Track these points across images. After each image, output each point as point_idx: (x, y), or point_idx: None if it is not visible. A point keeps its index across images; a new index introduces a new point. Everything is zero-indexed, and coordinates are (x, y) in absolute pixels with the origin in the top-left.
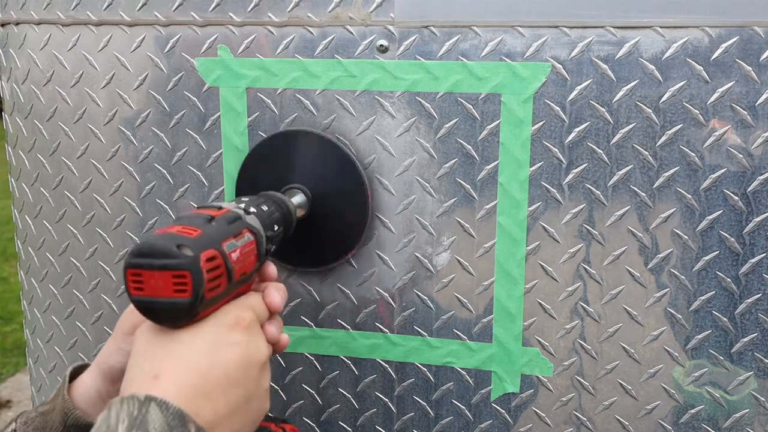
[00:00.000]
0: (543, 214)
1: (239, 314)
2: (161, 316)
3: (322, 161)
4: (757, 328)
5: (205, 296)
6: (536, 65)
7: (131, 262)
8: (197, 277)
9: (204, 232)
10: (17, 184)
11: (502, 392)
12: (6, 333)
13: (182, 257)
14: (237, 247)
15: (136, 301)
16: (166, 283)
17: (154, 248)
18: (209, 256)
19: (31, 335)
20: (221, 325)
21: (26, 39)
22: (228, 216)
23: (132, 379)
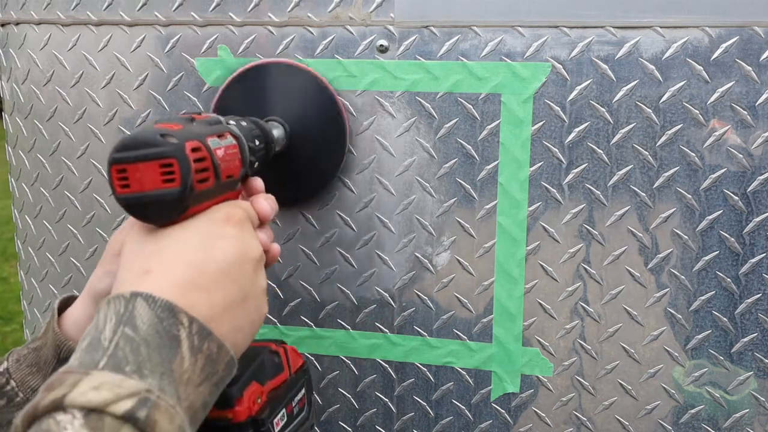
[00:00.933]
0: (543, 214)
1: (230, 210)
2: (151, 211)
3: (298, 93)
4: (757, 328)
5: (195, 188)
6: (536, 65)
7: (115, 158)
8: (185, 164)
9: (185, 127)
10: (17, 184)
11: (502, 392)
12: (6, 333)
13: (167, 145)
14: (221, 145)
15: (122, 198)
16: (153, 174)
17: (137, 140)
18: (194, 147)
19: (31, 335)
20: (212, 220)
21: (26, 39)
22: (209, 119)
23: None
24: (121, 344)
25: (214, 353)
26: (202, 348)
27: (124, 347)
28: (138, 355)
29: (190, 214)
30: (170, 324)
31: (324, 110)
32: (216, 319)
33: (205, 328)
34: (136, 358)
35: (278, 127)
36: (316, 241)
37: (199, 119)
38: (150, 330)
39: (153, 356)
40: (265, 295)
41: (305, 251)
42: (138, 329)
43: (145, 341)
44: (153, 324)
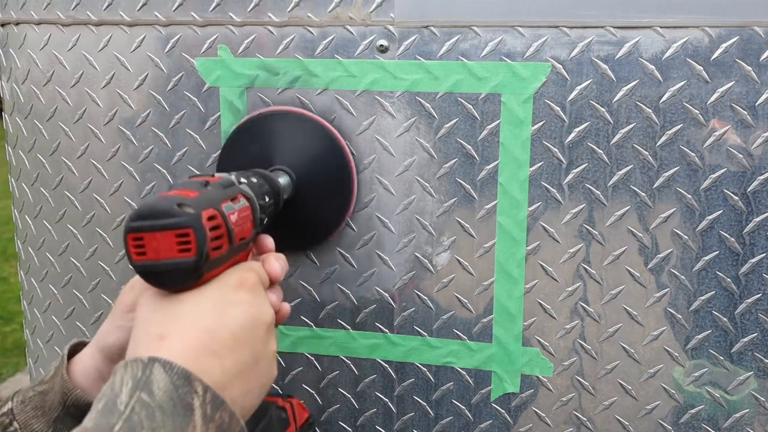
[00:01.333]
0: (543, 214)
1: (242, 275)
2: (166, 279)
3: (305, 142)
4: (757, 328)
5: (209, 255)
6: (536, 65)
7: (131, 226)
8: (200, 234)
9: (202, 194)
10: (17, 184)
11: (502, 392)
12: (6, 333)
13: (184, 215)
14: (235, 209)
15: (138, 266)
16: (169, 244)
17: (155, 209)
18: (210, 215)
19: (31, 335)
20: (225, 286)
21: (26, 39)
22: (222, 182)
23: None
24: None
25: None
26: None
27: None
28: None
29: (205, 280)
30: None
31: (330, 157)
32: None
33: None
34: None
35: (284, 175)
36: None
37: (213, 182)
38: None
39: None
40: (275, 358)
41: (305, 251)
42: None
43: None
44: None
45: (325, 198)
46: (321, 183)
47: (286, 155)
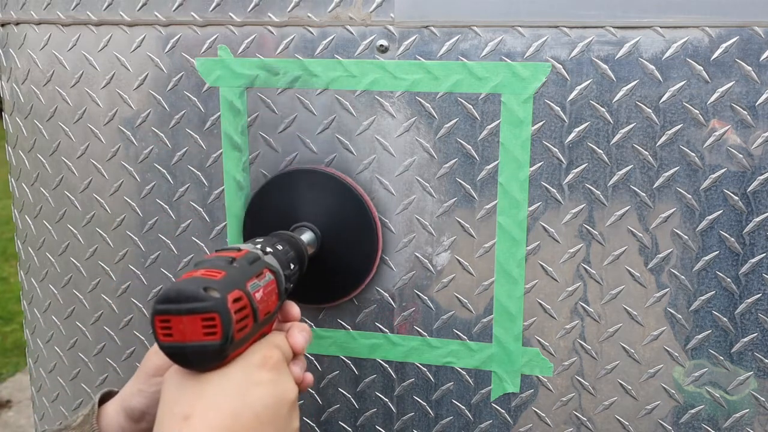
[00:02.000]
0: (543, 214)
1: (266, 353)
2: (191, 360)
3: (329, 198)
4: (757, 328)
5: (234, 337)
6: (536, 65)
7: (158, 309)
8: (226, 318)
9: (228, 274)
10: (17, 184)
11: (502, 392)
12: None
13: (210, 299)
14: (260, 287)
15: (165, 347)
16: (195, 327)
17: (181, 293)
18: (236, 297)
19: (31, 335)
20: (249, 365)
21: (26, 39)
22: (248, 257)
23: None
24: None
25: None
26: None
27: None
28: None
29: (230, 359)
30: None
31: (355, 214)
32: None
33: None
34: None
35: (308, 231)
36: None
37: (239, 258)
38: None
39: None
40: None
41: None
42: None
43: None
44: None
45: (351, 251)
46: (345, 236)
47: (309, 211)
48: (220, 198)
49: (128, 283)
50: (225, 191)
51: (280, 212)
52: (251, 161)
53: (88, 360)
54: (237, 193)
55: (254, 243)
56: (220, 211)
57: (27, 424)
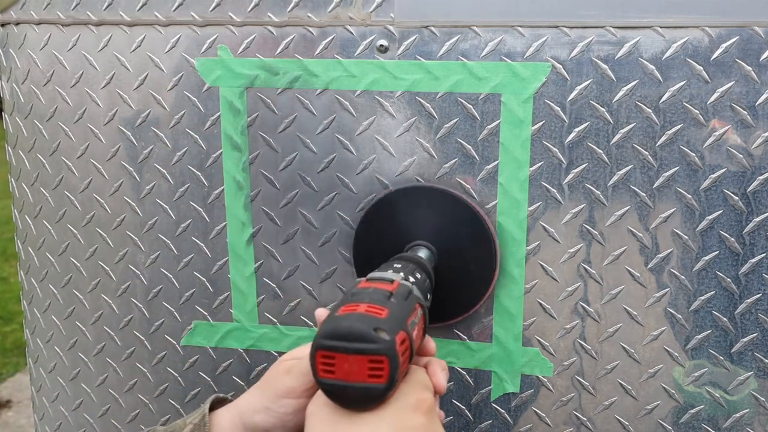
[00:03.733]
0: (543, 214)
1: (420, 396)
2: (351, 400)
3: (445, 216)
4: (757, 328)
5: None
6: (536, 65)
7: (325, 345)
8: (394, 362)
9: (391, 313)
10: (17, 184)
11: (502, 392)
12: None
13: (381, 342)
14: (416, 325)
15: (325, 383)
16: (361, 368)
17: (351, 331)
18: (402, 339)
19: (31, 335)
20: (405, 408)
21: (26, 39)
22: (402, 291)
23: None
24: None
25: None
26: None
27: None
28: None
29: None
30: None
31: (471, 229)
32: None
33: None
34: None
35: (425, 249)
36: (316, 241)
37: (395, 292)
38: None
39: None
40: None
41: (305, 251)
42: None
43: None
44: None
45: (467, 267)
46: (461, 253)
47: (425, 230)
48: (220, 198)
49: (128, 283)
50: (225, 191)
51: (393, 230)
52: (251, 161)
53: (88, 360)
54: (237, 193)
55: (396, 270)
56: (220, 211)
57: (27, 424)
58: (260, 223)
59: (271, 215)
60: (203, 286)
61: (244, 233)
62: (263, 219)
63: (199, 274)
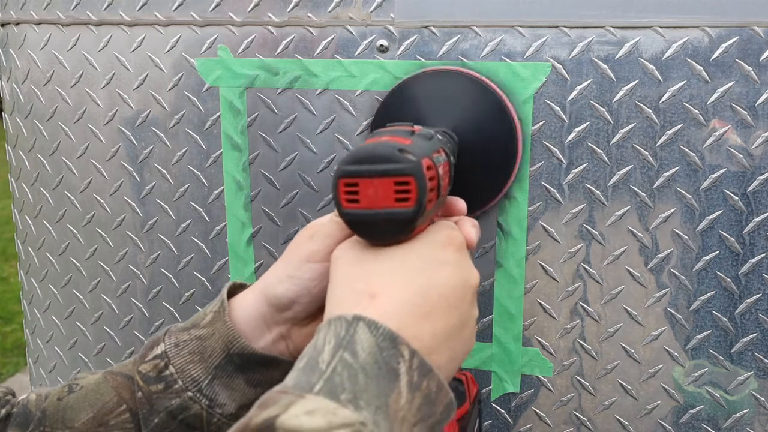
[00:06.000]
0: (543, 214)
1: (450, 233)
2: (378, 230)
3: (467, 102)
4: (757, 328)
5: (426, 207)
6: (536, 65)
7: (346, 170)
8: (421, 183)
9: (414, 142)
10: (17, 184)
11: (502, 392)
12: (6, 333)
13: (407, 161)
14: (441, 163)
15: (349, 214)
16: (387, 192)
17: (374, 153)
18: (428, 165)
19: (31, 335)
20: (435, 243)
21: (26, 39)
22: (424, 133)
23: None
24: (339, 369)
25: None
26: (420, 385)
27: (342, 373)
28: (355, 383)
29: (414, 234)
30: (390, 355)
31: (494, 119)
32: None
33: (426, 365)
34: (353, 386)
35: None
36: None
37: (417, 132)
38: (369, 359)
39: (370, 387)
40: (476, 324)
41: None
42: (357, 355)
43: (363, 369)
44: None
45: (489, 163)
46: (484, 146)
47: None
48: (220, 198)
49: (128, 283)
50: (225, 191)
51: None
52: (251, 161)
53: (88, 360)
54: (237, 193)
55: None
56: (220, 211)
57: None
58: (260, 223)
59: (271, 215)
60: (203, 286)
61: (244, 233)
62: (263, 219)
63: (199, 274)
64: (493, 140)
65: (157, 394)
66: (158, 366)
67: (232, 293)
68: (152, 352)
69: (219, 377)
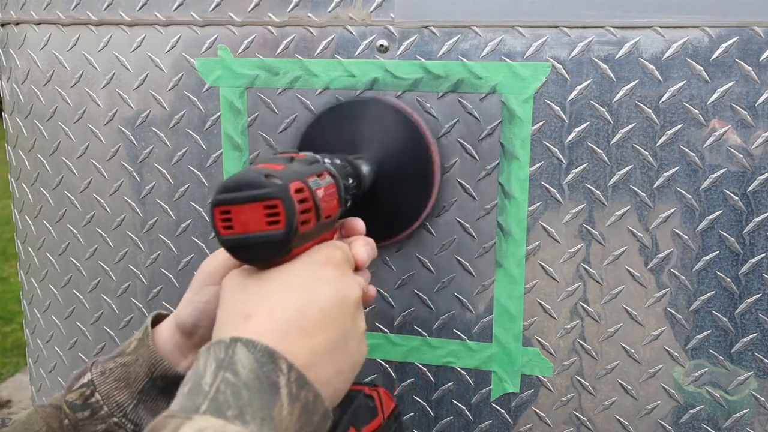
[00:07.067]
0: (543, 214)
1: (329, 252)
2: (254, 253)
3: (385, 129)
4: (757, 328)
5: (298, 229)
6: (536, 65)
7: (218, 199)
8: (289, 205)
9: (288, 167)
10: (17, 184)
11: (502, 392)
12: (6, 333)
13: (272, 186)
14: (321, 185)
15: (226, 240)
16: (257, 216)
17: (242, 181)
18: (298, 188)
19: (31, 335)
20: (313, 262)
21: (26, 39)
22: (307, 158)
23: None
24: (222, 388)
25: (310, 402)
26: (299, 396)
27: (225, 391)
28: (239, 399)
29: (293, 255)
30: (270, 370)
31: (411, 146)
32: (316, 364)
33: (303, 377)
34: (237, 402)
35: (366, 164)
36: None
37: (298, 158)
38: (250, 375)
39: (254, 401)
40: (364, 337)
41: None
42: (239, 374)
43: (245, 386)
44: (253, 369)
45: (406, 190)
46: (402, 174)
47: (368, 144)
48: None
49: (128, 283)
50: None
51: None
52: (251, 161)
53: (87, 360)
54: None
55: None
56: None
57: None
58: None
59: None
60: None
61: None
62: None
63: None
64: (410, 165)
65: (83, 421)
66: (84, 394)
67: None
68: (79, 381)
69: (143, 401)
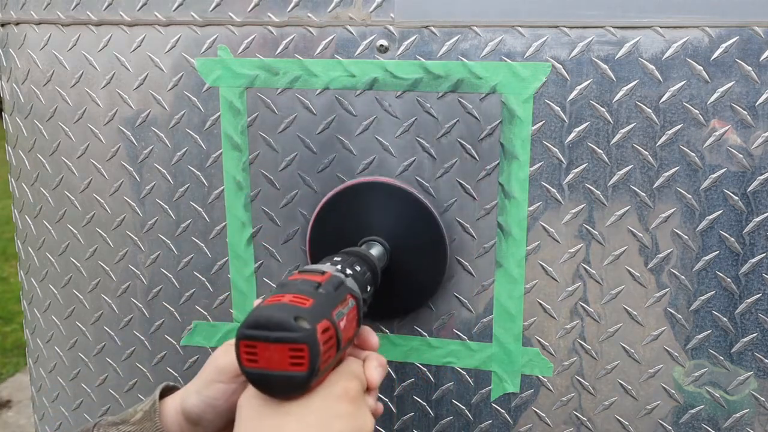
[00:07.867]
0: (543, 214)
1: (346, 385)
2: (275, 388)
3: (398, 212)
4: (757, 328)
5: (320, 369)
6: (536, 65)
7: (246, 334)
8: (314, 350)
9: (316, 302)
10: (17, 184)
11: (502, 392)
12: (6, 333)
13: (300, 330)
14: (344, 315)
15: (249, 373)
16: (282, 356)
17: (271, 320)
18: (324, 328)
19: (31, 335)
20: (330, 397)
21: (26, 39)
22: (332, 281)
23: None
24: None
25: None
26: None
27: None
28: None
29: (312, 389)
30: None
31: (424, 228)
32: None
33: None
34: None
35: (378, 246)
36: None
37: (324, 282)
38: None
39: None
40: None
41: (305, 251)
42: None
43: None
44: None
45: (420, 265)
46: (415, 251)
47: (379, 226)
48: (220, 198)
49: (128, 283)
50: (225, 191)
51: (347, 226)
52: (251, 161)
53: (88, 360)
54: (237, 193)
55: (333, 263)
56: (220, 211)
57: (27, 424)
58: (260, 223)
59: (271, 215)
60: (203, 286)
61: (244, 233)
62: (263, 219)
63: (199, 274)
64: (423, 246)
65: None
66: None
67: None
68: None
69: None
